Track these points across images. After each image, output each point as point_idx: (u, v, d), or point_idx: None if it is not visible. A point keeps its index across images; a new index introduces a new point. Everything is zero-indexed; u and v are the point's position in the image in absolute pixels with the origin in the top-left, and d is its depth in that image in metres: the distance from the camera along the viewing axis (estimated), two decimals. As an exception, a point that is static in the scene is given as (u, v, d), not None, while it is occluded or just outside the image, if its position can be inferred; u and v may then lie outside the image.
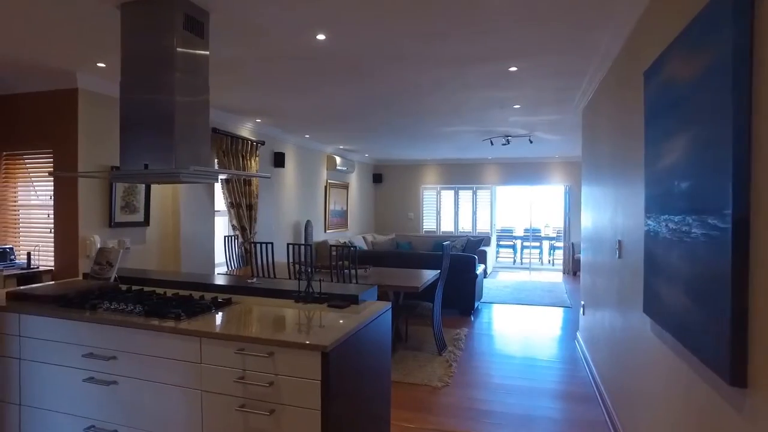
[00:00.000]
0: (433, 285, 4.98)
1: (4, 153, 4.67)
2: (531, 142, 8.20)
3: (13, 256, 4.48)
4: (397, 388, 3.97)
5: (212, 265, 5.81)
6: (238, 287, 3.02)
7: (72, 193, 4.29)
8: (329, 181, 9.52)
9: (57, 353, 2.56)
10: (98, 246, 4.36)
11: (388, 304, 2.77)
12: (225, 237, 5.71)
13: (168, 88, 2.58)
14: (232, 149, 6.03)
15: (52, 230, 4.41)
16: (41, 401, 2.60)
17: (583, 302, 5.07)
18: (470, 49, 3.61)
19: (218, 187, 5.96)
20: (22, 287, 2.95)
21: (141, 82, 2.66)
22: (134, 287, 3.15)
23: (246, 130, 6.48)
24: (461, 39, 3.40)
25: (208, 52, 2.82)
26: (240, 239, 6.21)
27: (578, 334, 5.35)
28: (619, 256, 3.19)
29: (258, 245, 4.68)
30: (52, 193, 4.38)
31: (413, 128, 7.14)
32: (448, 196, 12.18)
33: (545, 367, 4.61)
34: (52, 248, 4.42)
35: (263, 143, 6.75)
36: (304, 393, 2.04)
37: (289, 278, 4.40)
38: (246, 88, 4.79)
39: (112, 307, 2.55)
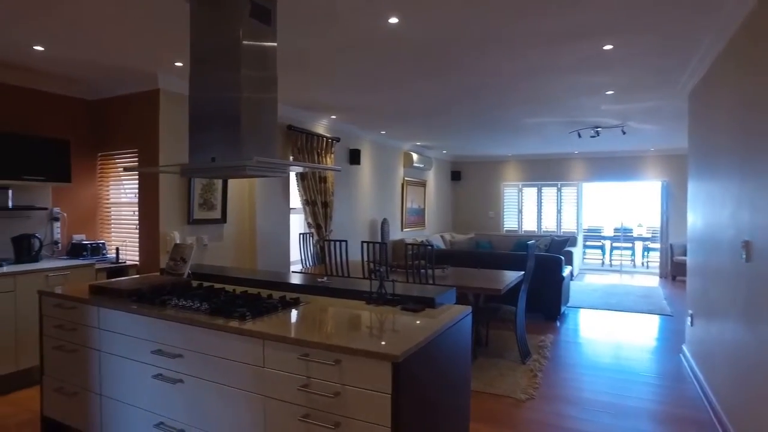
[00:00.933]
0: (516, 287, 4.61)
1: (99, 154, 4.93)
2: (624, 133, 7.48)
3: (105, 251, 4.71)
4: (477, 399, 3.66)
5: (287, 263, 5.82)
6: (308, 286, 2.89)
7: (153, 190, 4.42)
8: (406, 178, 9.32)
9: (130, 347, 2.55)
10: (177, 242, 4.46)
11: (467, 309, 2.50)
12: (300, 235, 5.68)
13: (234, 79, 2.48)
14: (307, 146, 6.01)
15: (137, 226, 4.58)
16: (118, 393, 2.61)
17: (690, 311, 4.46)
18: (560, 25, 3.23)
19: (294, 185, 5.96)
20: (101, 281, 3.01)
21: (208, 73, 2.59)
22: (205, 284, 3.12)
23: (321, 127, 6.44)
24: (551, 14, 3.04)
25: (275, 43, 2.70)
26: (315, 237, 6.18)
27: (684, 348, 4.72)
28: (747, 260, 2.67)
29: (332, 243, 4.57)
30: (137, 190, 4.55)
31: (494, 121, 6.75)
32: (530, 193, 11.55)
33: (644, 383, 4.08)
34: (138, 243, 4.58)
35: (338, 140, 6.69)
36: (373, 407, 1.83)
37: (363, 277, 4.24)
38: (319, 84, 4.70)
39: (179, 303, 2.49)
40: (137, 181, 4.57)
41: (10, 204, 4.12)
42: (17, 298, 3.74)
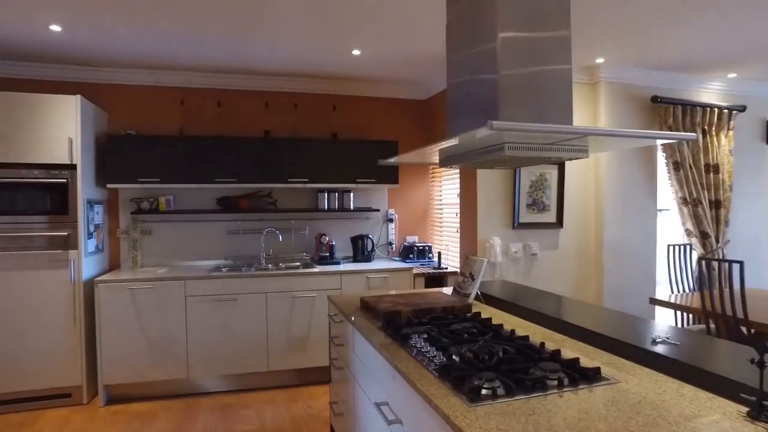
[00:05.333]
0: None
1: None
2: None
3: (431, 254, 4.49)
4: None
5: (650, 284, 4.24)
6: (631, 347, 1.64)
7: (472, 190, 3.86)
8: None
9: (369, 385, 1.98)
10: (497, 250, 3.75)
11: None
12: (669, 246, 4.05)
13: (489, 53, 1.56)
14: (684, 122, 4.25)
15: (458, 230, 4.12)
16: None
17: None
18: None
19: (663, 178, 4.32)
20: (369, 296, 2.59)
21: (461, 46, 1.75)
22: (486, 314, 2.27)
23: (710, 93, 4.48)
24: None
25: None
26: (697, 250, 4.32)
27: None
28: None
29: (722, 263, 2.89)
30: (459, 190, 4.09)
31: None
32: None
33: None
34: (458, 249, 4.13)
35: (743, 109, 4.52)
36: None
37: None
38: (699, 26, 3.07)
39: (417, 346, 1.74)
40: (458, 179, 4.12)
41: (351, 206, 4.36)
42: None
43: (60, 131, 3.38)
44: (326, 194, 4.26)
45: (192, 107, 4.19)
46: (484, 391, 1.33)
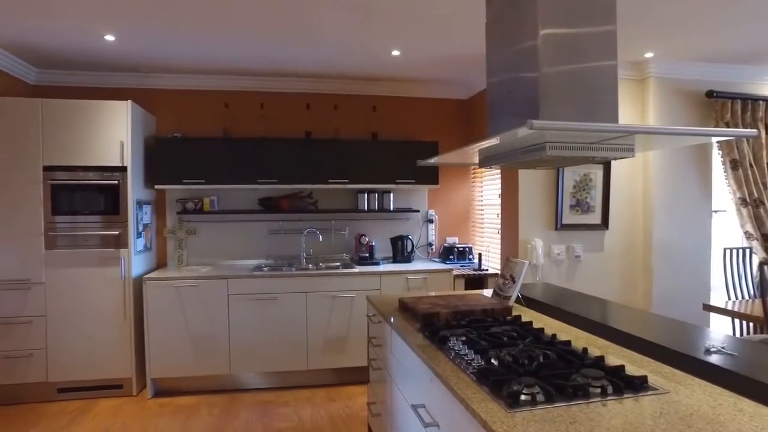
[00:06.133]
0: None
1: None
2: None
3: (471, 256, 4.42)
4: None
5: (705, 290, 4.02)
6: (681, 356, 1.56)
7: (513, 190, 3.78)
8: None
9: (408, 388, 1.97)
10: (539, 251, 3.65)
11: None
12: (725, 250, 3.84)
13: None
14: (744, 118, 4.01)
15: (499, 231, 4.04)
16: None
17: None
18: None
19: (719, 177, 4.09)
20: (408, 297, 2.57)
21: (501, 45, 1.71)
22: (526, 317, 2.21)
23: (773, 88, 4.21)
24: None
25: None
26: (758, 254, 4.07)
27: None
28: None
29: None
30: (500, 190, 4.02)
31: None
32: None
33: None
34: (499, 250, 4.05)
35: (809, 104, 4.22)
36: None
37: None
38: (762, 11, 2.89)
39: (455, 349, 1.72)
40: (499, 180, 4.04)
41: (391, 206, 4.36)
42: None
43: (112, 135, 3.54)
44: (366, 195, 4.27)
45: (235, 110, 4.30)
46: (523, 397, 1.29)
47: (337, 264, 4.19)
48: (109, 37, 3.23)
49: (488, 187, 4.42)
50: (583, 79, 1.70)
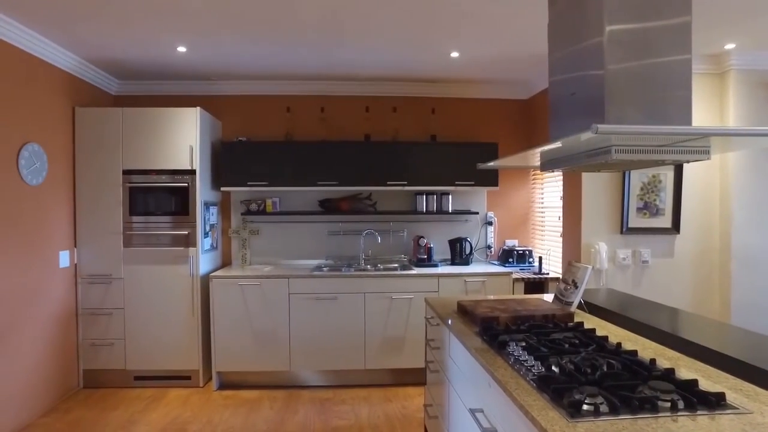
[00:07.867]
0: None
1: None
2: None
3: (531, 259, 4.31)
4: None
5: (792, 300, 3.69)
6: (761, 371, 1.45)
7: (576, 192, 3.64)
8: None
9: (466, 392, 1.95)
10: (603, 256, 3.51)
11: None
12: (816, 257, 3.50)
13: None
14: (839, 114, 3.65)
15: (561, 234, 3.91)
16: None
17: None
18: None
19: (810, 178, 3.75)
20: (466, 300, 2.54)
21: (564, 43, 1.67)
22: (590, 324, 2.13)
23: None
24: None
25: None
26: None
27: None
28: None
29: None
30: (561, 192, 3.89)
31: None
32: None
33: None
34: (561, 254, 3.92)
35: None
36: None
37: None
38: None
39: (515, 354, 1.68)
40: (561, 181, 3.91)
41: (449, 208, 4.33)
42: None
43: (183, 140, 3.75)
44: (425, 197, 4.27)
45: (297, 114, 4.43)
46: (585, 407, 1.25)
47: (395, 265, 4.21)
48: (181, 49, 3.43)
49: (549, 188, 4.29)
50: (653, 76, 1.62)
